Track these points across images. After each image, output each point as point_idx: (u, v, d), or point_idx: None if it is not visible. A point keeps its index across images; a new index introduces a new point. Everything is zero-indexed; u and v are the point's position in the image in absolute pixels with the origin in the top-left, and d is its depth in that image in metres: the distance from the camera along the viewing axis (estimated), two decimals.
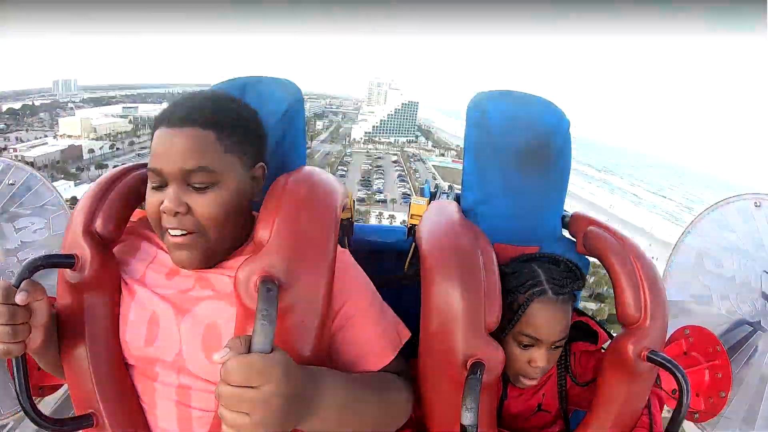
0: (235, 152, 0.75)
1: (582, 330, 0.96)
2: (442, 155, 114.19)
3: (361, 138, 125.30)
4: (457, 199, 1.12)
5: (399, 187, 78.27)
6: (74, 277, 0.75)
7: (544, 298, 0.84)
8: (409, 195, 71.78)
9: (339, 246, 0.78)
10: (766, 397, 1.15)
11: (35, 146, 72.42)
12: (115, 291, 0.78)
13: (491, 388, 0.83)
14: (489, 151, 1.03)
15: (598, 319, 0.98)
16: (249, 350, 0.54)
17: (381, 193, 74.16)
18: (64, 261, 0.75)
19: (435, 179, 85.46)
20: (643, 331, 0.83)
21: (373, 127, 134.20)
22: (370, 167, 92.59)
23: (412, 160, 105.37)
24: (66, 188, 53.63)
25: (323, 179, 0.84)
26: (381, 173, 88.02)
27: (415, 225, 1.05)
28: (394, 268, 1.13)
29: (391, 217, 58.58)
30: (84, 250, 0.75)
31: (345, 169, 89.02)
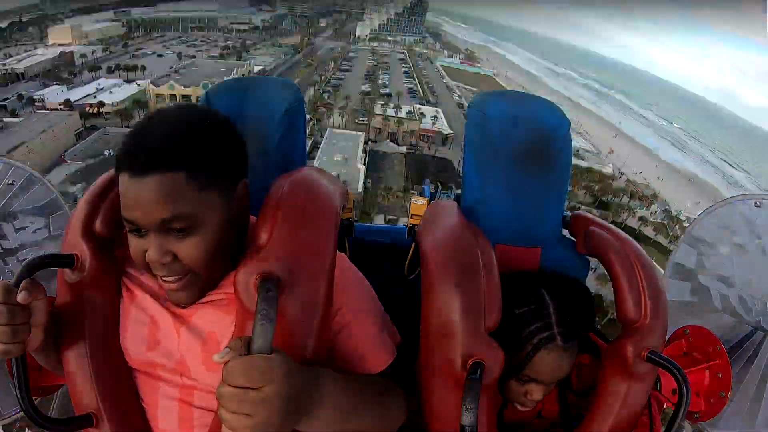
0: (212, 186, 0.68)
1: (584, 340, 0.95)
2: (451, 57, 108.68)
3: (367, 36, 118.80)
4: (457, 199, 1.12)
5: (405, 83, 74.92)
6: (74, 277, 0.75)
7: (552, 346, 0.82)
8: (414, 90, 68.82)
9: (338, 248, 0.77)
10: (766, 397, 1.15)
11: (24, 58, 65.43)
12: (115, 291, 0.78)
13: (491, 388, 0.83)
14: (489, 151, 1.03)
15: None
16: (249, 351, 0.54)
17: (387, 87, 70.00)
18: (64, 261, 0.75)
19: (443, 78, 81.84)
20: (643, 331, 0.83)
21: (380, 25, 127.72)
22: (376, 63, 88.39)
23: (419, 60, 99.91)
24: (59, 92, 51.48)
25: (323, 179, 0.84)
26: (387, 69, 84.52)
27: (415, 225, 1.04)
28: (394, 268, 1.13)
29: (397, 107, 54.57)
30: (84, 250, 0.75)
31: (349, 64, 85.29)
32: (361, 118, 53.20)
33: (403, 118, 52.50)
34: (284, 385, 0.53)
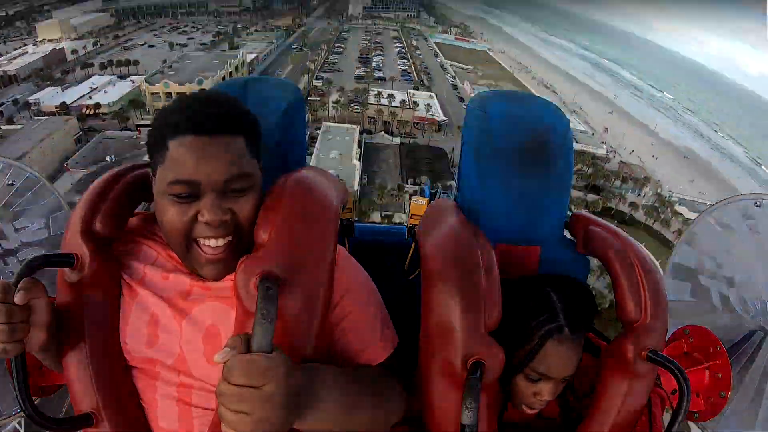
0: (256, 155, 0.76)
1: (585, 340, 0.95)
2: (445, 32, 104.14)
3: (359, 13, 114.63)
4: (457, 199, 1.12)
5: (399, 65, 73.47)
6: (74, 277, 0.75)
7: (561, 337, 0.82)
8: (409, 73, 68.08)
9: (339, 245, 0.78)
10: (766, 397, 1.15)
11: (15, 57, 61.89)
12: (115, 290, 0.78)
13: (491, 388, 0.83)
14: (489, 151, 1.03)
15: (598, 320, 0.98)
16: (249, 349, 0.54)
17: (380, 70, 68.25)
18: (64, 260, 0.75)
19: (437, 57, 79.88)
20: (643, 330, 0.83)
21: (372, 1, 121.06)
22: (369, 44, 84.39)
23: (413, 36, 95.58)
24: (54, 95, 48.78)
25: (323, 179, 0.84)
26: (381, 51, 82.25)
27: (415, 225, 1.04)
28: (394, 268, 1.13)
29: (390, 96, 52.61)
30: (83, 250, 0.75)
31: (342, 46, 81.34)
32: (356, 107, 51.38)
33: (396, 107, 50.64)
34: (284, 384, 0.54)
